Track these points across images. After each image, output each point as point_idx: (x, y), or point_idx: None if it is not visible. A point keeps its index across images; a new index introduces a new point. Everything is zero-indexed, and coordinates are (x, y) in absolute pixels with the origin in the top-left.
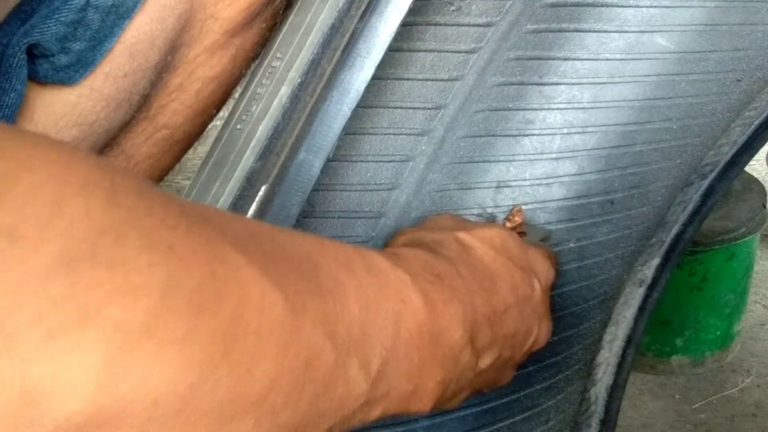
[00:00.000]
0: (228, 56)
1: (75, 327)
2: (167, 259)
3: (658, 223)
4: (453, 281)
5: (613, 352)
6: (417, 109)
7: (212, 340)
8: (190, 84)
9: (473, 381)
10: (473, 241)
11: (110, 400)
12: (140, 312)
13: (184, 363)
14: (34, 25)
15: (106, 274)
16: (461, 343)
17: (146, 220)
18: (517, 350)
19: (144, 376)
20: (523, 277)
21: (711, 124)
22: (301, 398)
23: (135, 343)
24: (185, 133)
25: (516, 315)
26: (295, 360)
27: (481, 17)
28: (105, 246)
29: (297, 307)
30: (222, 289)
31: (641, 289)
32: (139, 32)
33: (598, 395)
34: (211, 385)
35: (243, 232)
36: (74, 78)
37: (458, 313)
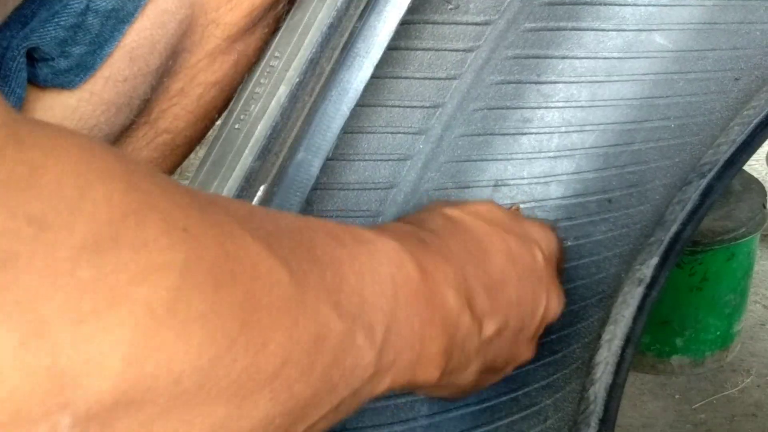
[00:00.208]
0: (230, 61)
1: (105, 310)
2: (184, 239)
3: (657, 221)
4: (439, 247)
5: (612, 351)
6: (414, 108)
7: (230, 315)
8: (192, 89)
9: (482, 351)
10: (460, 214)
11: (137, 378)
12: (164, 291)
13: (205, 339)
14: (33, 29)
15: (130, 255)
16: (457, 308)
17: (163, 202)
18: (527, 320)
19: (169, 353)
20: (519, 243)
21: (709, 122)
22: (313, 371)
23: (161, 322)
24: (186, 138)
25: (516, 282)
26: (306, 332)
27: (479, 16)
28: (127, 229)
29: (301, 281)
30: (234, 266)
31: (640, 288)
32: (140, 37)
33: (597, 394)
34: (230, 360)
35: (244, 213)
36: (74, 82)
37: (449, 277)
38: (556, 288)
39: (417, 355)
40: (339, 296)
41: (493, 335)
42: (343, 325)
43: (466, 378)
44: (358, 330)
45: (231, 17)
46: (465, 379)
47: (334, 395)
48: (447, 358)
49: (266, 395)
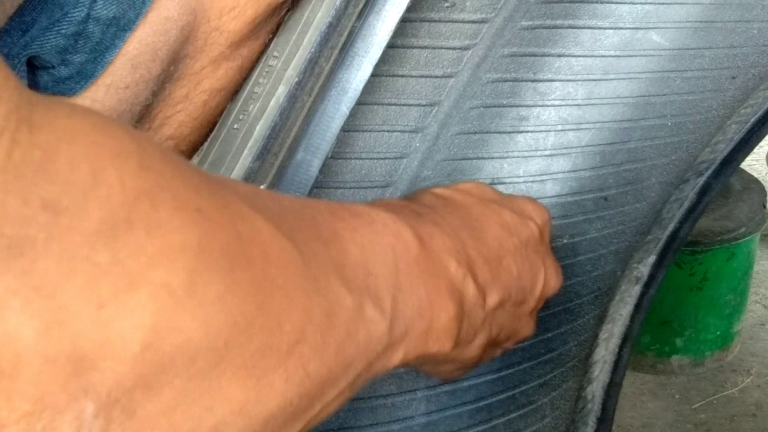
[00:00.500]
0: (234, 67)
1: (123, 293)
2: (197, 220)
3: (654, 220)
4: (433, 218)
5: (609, 350)
6: (411, 106)
7: (247, 294)
8: (197, 96)
9: (486, 323)
10: (450, 192)
11: (155, 359)
12: (181, 272)
13: (223, 318)
14: (34, 37)
15: (145, 238)
16: (459, 276)
17: (174, 182)
18: (528, 293)
19: (186, 334)
20: (513, 217)
21: (706, 121)
22: (326, 347)
23: (179, 303)
24: (191, 144)
25: (514, 253)
26: (318, 309)
27: (476, 14)
28: (141, 210)
29: (309, 259)
30: (248, 246)
31: (637, 286)
32: (141, 44)
33: (594, 393)
34: (246, 339)
35: (251, 194)
36: (75, 90)
37: (447, 245)
38: (552, 262)
39: (428, 323)
40: (345, 270)
41: (496, 306)
42: (352, 299)
43: (472, 351)
44: (367, 302)
45: (234, 24)
46: (471, 352)
47: (350, 371)
48: (458, 326)
49: (281, 375)
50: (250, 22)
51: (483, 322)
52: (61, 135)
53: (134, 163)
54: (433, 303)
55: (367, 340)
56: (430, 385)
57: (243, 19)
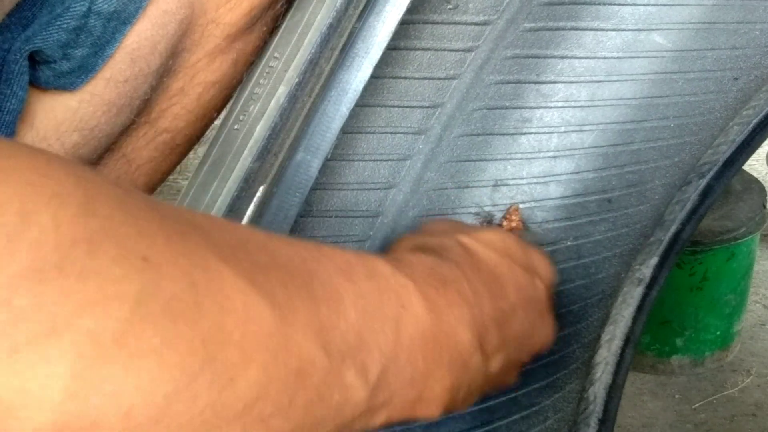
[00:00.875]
0: (229, 60)
1: (42, 339)
2: (142, 269)
3: (657, 221)
4: (459, 285)
5: (611, 352)
6: (414, 108)
7: (190, 349)
8: (192, 88)
9: (484, 384)
10: (476, 245)
11: (81, 411)
12: (112, 322)
13: (159, 373)
14: (35, 32)
15: (75, 284)
16: (470, 348)
17: (122, 229)
18: (524, 352)
19: (116, 386)
20: (526, 277)
21: (709, 122)
22: (292, 406)
23: (106, 354)
24: (186, 137)
25: (522, 315)
26: (285, 369)
27: (479, 16)
28: (76, 257)
29: (287, 316)
30: (201, 299)
31: (640, 288)
32: (141, 38)
33: (596, 394)
34: (191, 395)
35: (232, 241)
36: (75, 84)
37: (465, 317)
38: (550, 320)
39: (419, 393)
40: (331, 333)
41: (497, 370)
42: (329, 363)
43: (461, 408)
44: (348, 368)
45: (230, 17)
46: (462, 408)
47: (320, 429)
48: (452, 396)
49: (237, 430)
50: (246, 14)
51: (481, 387)
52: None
53: (74, 207)
54: (429, 374)
55: (341, 403)
56: None
57: (239, 11)
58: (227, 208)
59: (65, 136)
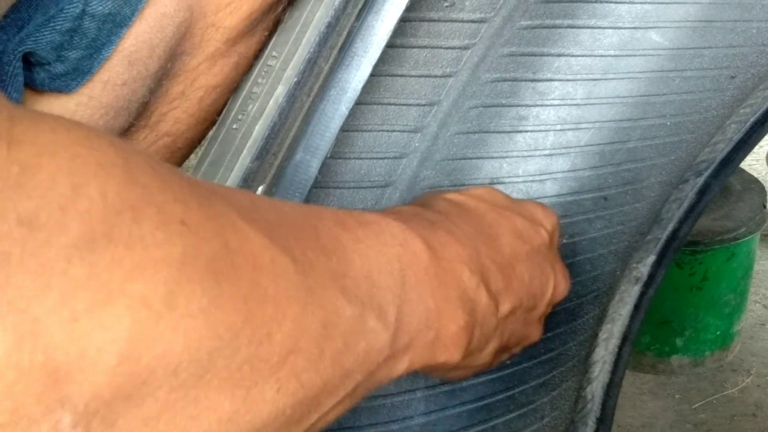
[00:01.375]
0: (230, 64)
1: (99, 306)
2: (182, 233)
3: (653, 220)
4: (447, 226)
5: (609, 350)
6: (410, 106)
7: (233, 308)
8: (193, 92)
9: (498, 330)
10: (463, 198)
11: (133, 371)
12: (161, 285)
13: (205, 331)
14: (29, 34)
15: (125, 251)
16: (472, 285)
17: (160, 196)
18: (539, 300)
19: (166, 346)
20: (524, 223)
21: (705, 120)
22: (322, 357)
23: (157, 316)
24: (187, 141)
25: (526, 260)
26: (313, 320)
27: (475, 13)
28: (122, 225)
29: (306, 269)
30: (236, 258)
31: (637, 286)
32: (138, 40)
33: (594, 393)
34: (232, 351)
35: (246, 203)
36: (71, 86)
37: (460, 254)
38: (561, 267)
39: (436, 334)
40: (346, 281)
41: (508, 313)
42: (352, 310)
43: (484, 358)
44: (369, 313)
45: (230, 20)
46: (482, 359)
47: (348, 381)
48: (468, 336)
49: (273, 386)
50: (246, 17)
51: (495, 329)
52: (42, 150)
53: (118, 177)
54: (441, 313)
55: (367, 350)
56: (429, 385)
57: (239, 14)
58: None
59: None
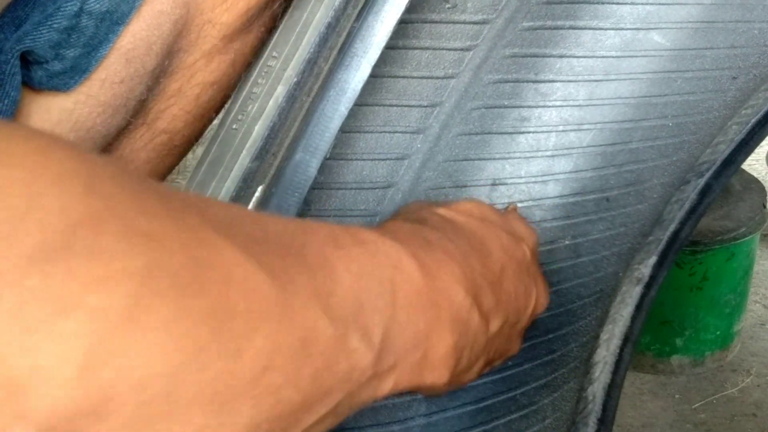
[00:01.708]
0: (227, 61)
1: (53, 318)
2: (146, 245)
3: (655, 221)
4: (444, 244)
5: (610, 351)
6: (412, 107)
7: (197, 321)
8: (190, 89)
9: (486, 348)
10: (453, 214)
11: (94, 386)
12: (120, 298)
13: (169, 345)
14: (27, 32)
15: (83, 263)
16: (466, 305)
17: (124, 207)
18: (522, 314)
19: (128, 360)
20: (510, 239)
21: (707, 121)
22: (301, 375)
23: (117, 329)
24: (184, 138)
25: (512, 276)
26: (290, 337)
27: (477, 15)
28: (82, 236)
29: (286, 285)
30: (204, 272)
31: (638, 287)
32: (135, 38)
33: (595, 394)
34: (200, 366)
35: (224, 216)
36: (69, 84)
37: (455, 274)
38: (542, 280)
39: (423, 354)
40: (330, 299)
41: (497, 331)
42: (333, 329)
43: (470, 376)
44: (353, 333)
45: (227, 17)
46: (469, 377)
47: (329, 399)
48: (457, 356)
49: (248, 402)
50: (242, 14)
51: (484, 347)
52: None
53: (78, 188)
54: (431, 334)
55: (348, 370)
56: None
57: (235, 11)
58: None
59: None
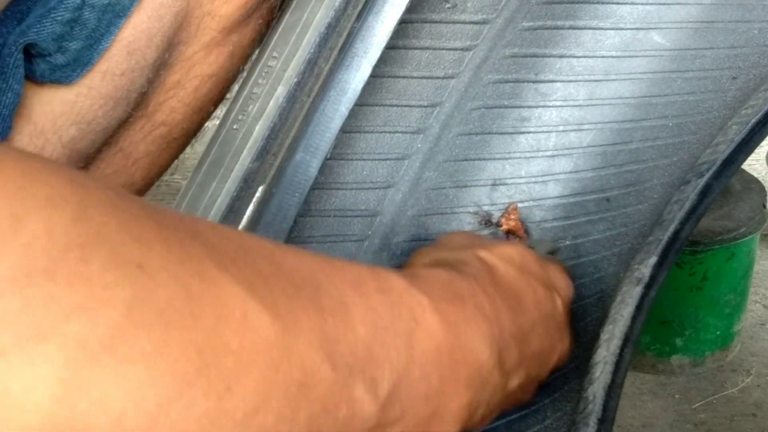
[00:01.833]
0: (225, 53)
1: (28, 342)
2: (135, 276)
3: (655, 221)
4: (478, 300)
5: (610, 351)
6: (413, 107)
7: (183, 356)
8: (188, 81)
9: (501, 403)
10: (495, 260)
11: (69, 415)
12: (101, 328)
13: (150, 379)
14: (30, 25)
15: (65, 290)
16: (489, 364)
17: (117, 235)
18: (543, 368)
19: (105, 392)
20: (545, 293)
21: (707, 121)
22: (296, 419)
23: (94, 359)
24: (183, 131)
25: (542, 332)
26: (286, 379)
27: (477, 14)
28: (67, 262)
29: (289, 326)
30: (197, 307)
31: (638, 287)
32: (137, 30)
33: (595, 394)
34: (186, 403)
35: (233, 249)
36: (71, 77)
37: (484, 333)
38: (569, 336)
39: (434, 410)
40: (337, 345)
41: (516, 388)
42: (334, 375)
43: (482, 426)
44: (357, 382)
45: (226, 9)
46: (481, 427)
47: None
48: (470, 413)
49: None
50: (241, 6)
51: (500, 404)
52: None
53: (69, 213)
54: (445, 390)
55: (349, 418)
56: None
57: (235, 3)
58: (226, 208)
59: (63, 130)
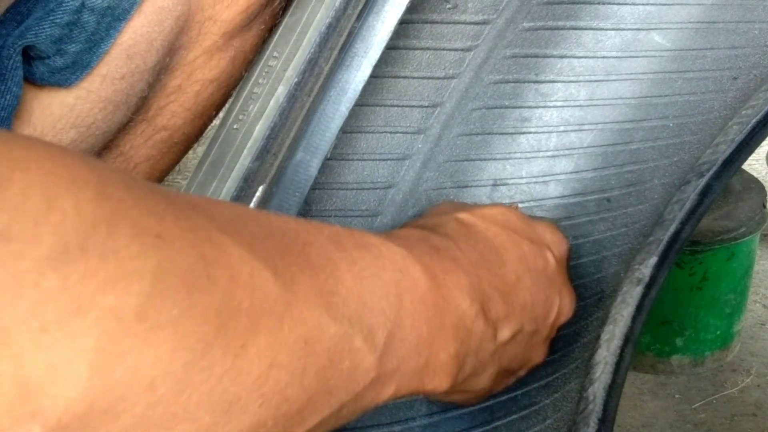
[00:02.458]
0: (227, 58)
1: (69, 318)
2: (157, 246)
3: (656, 221)
4: (452, 252)
5: (611, 351)
6: (413, 108)
7: (204, 319)
8: (189, 86)
9: (497, 356)
10: (474, 219)
11: (106, 385)
12: (133, 298)
13: (177, 343)
14: (28, 27)
15: (98, 264)
16: (471, 313)
17: (135, 210)
18: (541, 323)
19: (138, 359)
20: (532, 248)
21: (708, 121)
22: (305, 374)
23: (128, 329)
24: (184, 135)
25: (531, 285)
26: (293, 334)
27: (478, 15)
28: (96, 238)
29: (288, 283)
30: (211, 270)
31: (639, 287)
32: (137, 34)
33: (596, 394)
34: (207, 363)
35: (229, 216)
36: (70, 80)
37: (462, 283)
38: (568, 289)
39: (425, 361)
40: (333, 298)
41: (508, 340)
42: (337, 328)
43: (481, 383)
44: (356, 333)
45: (227, 14)
46: (480, 384)
47: (333, 399)
48: (458, 364)
49: (256, 400)
50: (243, 10)
51: (492, 356)
52: (15, 165)
53: (91, 192)
54: (433, 341)
55: (352, 369)
56: None
57: (236, 8)
58: None
59: (62, 133)
